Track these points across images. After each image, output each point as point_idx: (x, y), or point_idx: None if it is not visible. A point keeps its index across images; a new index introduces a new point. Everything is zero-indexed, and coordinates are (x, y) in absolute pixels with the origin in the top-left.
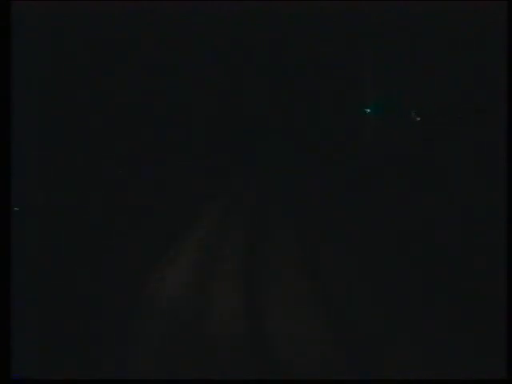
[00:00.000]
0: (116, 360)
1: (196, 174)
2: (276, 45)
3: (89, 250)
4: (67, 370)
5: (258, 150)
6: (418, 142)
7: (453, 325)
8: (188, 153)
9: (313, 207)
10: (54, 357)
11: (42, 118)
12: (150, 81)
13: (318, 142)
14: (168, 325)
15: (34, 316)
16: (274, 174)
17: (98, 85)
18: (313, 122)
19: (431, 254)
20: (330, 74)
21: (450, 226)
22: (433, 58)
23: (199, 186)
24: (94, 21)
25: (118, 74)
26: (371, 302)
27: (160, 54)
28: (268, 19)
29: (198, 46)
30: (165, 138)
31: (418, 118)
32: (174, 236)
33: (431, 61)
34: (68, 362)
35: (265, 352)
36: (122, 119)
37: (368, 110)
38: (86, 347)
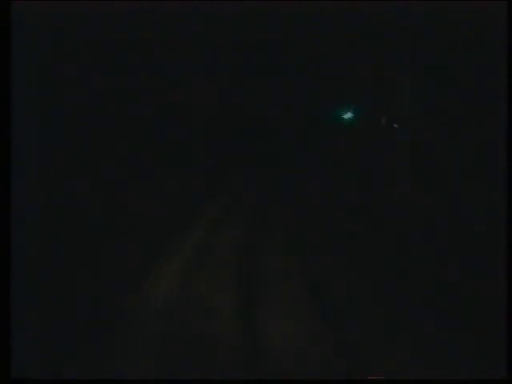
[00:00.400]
0: (115, 359)
1: (195, 174)
2: (276, 45)
3: (88, 250)
4: (67, 370)
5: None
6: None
7: (453, 325)
8: (188, 153)
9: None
10: (54, 357)
11: (42, 118)
12: (150, 81)
13: (317, 142)
14: (166, 324)
15: (34, 316)
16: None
17: (98, 85)
18: (309, 122)
19: (431, 255)
20: (327, 74)
21: (449, 226)
22: (432, 59)
23: (199, 185)
24: (93, 21)
25: (118, 73)
26: (371, 302)
27: (160, 54)
28: (268, 19)
29: (197, 46)
30: (164, 138)
31: (395, 125)
32: (173, 236)
33: (431, 61)
34: (68, 362)
35: (262, 351)
36: (122, 119)
37: (348, 115)
38: (85, 347)
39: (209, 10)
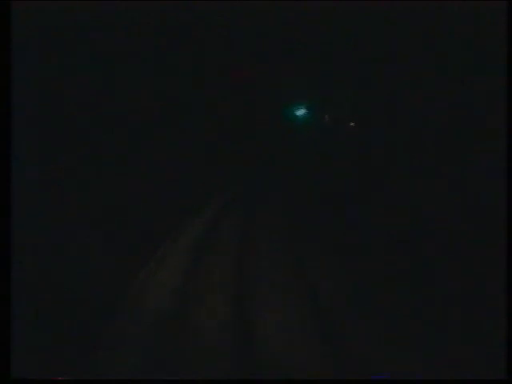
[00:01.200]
0: (115, 358)
1: (192, 174)
2: (276, 45)
3: (88, 250)
4: (67, 370)
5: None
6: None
7: (453, 325)
8: (187, 153)
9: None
10: (54, 357)
11: (42, 117)
12: (150, 80)
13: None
14: (164, 324)
15: (34, 316)
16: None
17: (98, 85)
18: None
19: (430, 255)
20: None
21: (449, 226)
22: (433, 58)
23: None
24: (93, 21)
25: (117, 73)
26: (368, 304)
27: (160, 53)
28: (268, 19)
29: (198, 46)
30: (164, 138)
31: (352, 124)
32: (171, 236)
33: (430, 61)
34: (67, 362)
35: (256, 345)
36: (122, 119)
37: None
38: (85, 346)
39: (208, 9)
